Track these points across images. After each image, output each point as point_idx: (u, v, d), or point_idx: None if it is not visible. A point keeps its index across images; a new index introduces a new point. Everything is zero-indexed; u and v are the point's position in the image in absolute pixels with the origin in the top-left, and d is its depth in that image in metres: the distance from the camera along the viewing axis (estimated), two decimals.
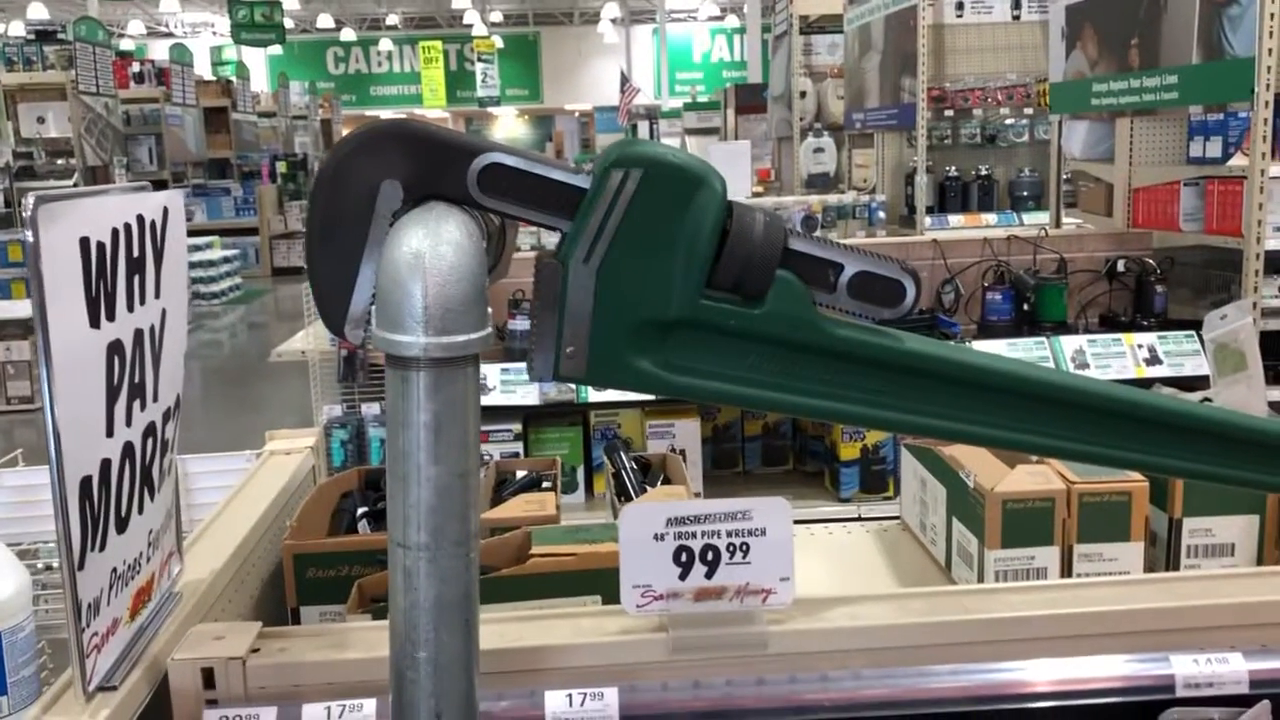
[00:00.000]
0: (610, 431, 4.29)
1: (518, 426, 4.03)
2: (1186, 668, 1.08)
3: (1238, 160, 3.96)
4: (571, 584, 1.34)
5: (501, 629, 1.16)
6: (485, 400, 3.95)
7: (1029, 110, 6.67)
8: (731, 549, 1.13)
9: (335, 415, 4.06)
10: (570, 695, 1.07)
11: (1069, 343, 3.93)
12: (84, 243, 1.00)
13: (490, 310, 0.91)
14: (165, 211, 1.18)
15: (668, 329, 0.97)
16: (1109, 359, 3.90)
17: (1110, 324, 4.12)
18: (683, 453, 4.14)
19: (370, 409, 4.05)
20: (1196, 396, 1.80)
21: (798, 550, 1.91)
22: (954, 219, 6.61)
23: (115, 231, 1.06)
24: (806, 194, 7.66)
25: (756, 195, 7.70)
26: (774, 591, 1.13)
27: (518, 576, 1.34)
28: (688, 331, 0.98)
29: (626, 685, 1.09)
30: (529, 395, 3.96)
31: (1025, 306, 4.12)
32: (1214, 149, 4.05)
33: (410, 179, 0.91)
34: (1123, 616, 1.16)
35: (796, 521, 2.20)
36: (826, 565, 1.83)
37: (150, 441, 1.16)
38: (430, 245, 0.87)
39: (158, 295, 1.18)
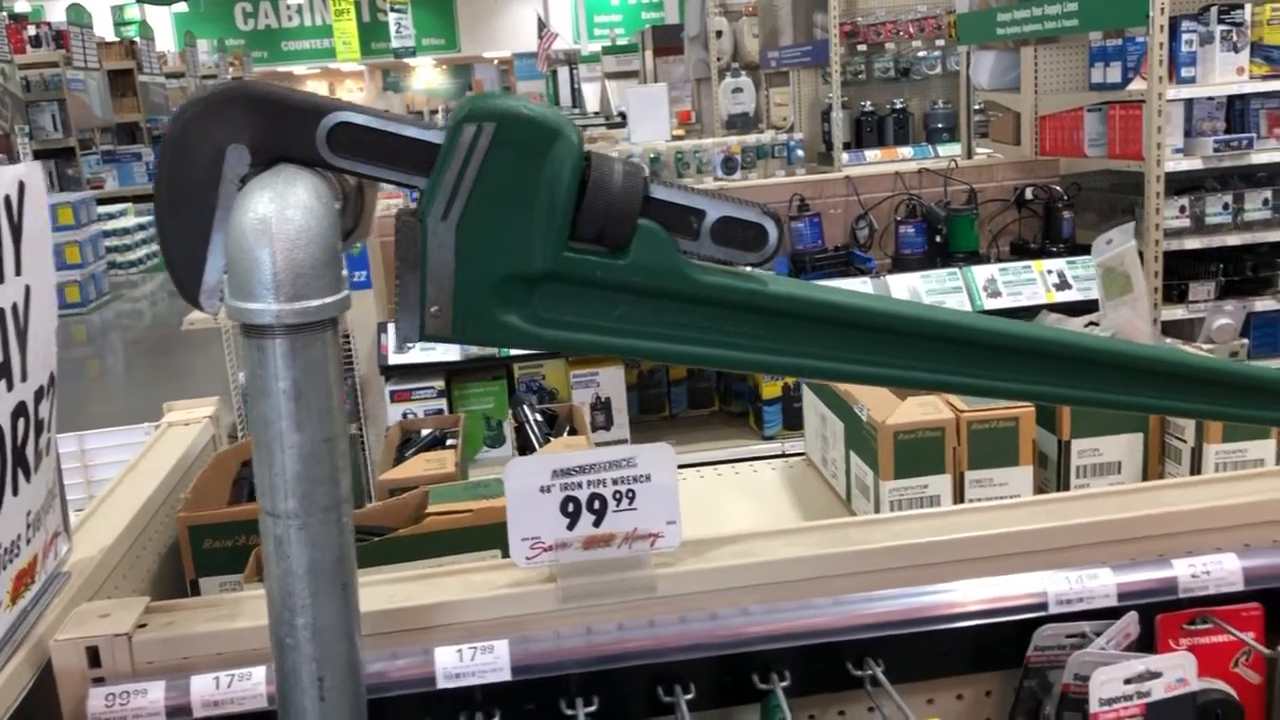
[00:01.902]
0: (535, 383, 4.29)
1: (440, 383, 4.01)
2: (1058, 585, 1.12)
3: (1137, 85, 4.03)
4: (470, 540, 1.35)
5: (394, 589, 1.16)
6: (405, 358, 3.92)
7: (940, 42, 6.71)
8: (618, 496, 1.14)
9: None
10: (460, 650, 1.08)
11: (981, 272, 4.00)
12: None
13: (345, 273, 0.90)
14: (21, 186, 1.14)
15: (534, 283, 0.97)
16: (1020, 286, 3.98)
17: (1021, 251, 4.20)
18: (608, 400, 4.16)
19: None
20: (1081, 321, 1.85)
21: (710, 491, 1.94)
22: (871, 154, 6.64)
23: None
24: (727, 135, 7.63)
25: (677, 138, 7.65)
26: (661, 535, 1.15)
27: (415, 536, 1.34)
28: (554, 284, 0.98)
29: (518, 637, 1.10)
30: (450, 351, 3.94)
31: (938, 238, 4.17)
32: (1114, 74, 4.12)
33: (256, 142, 0.89)
34: (1003, 539, 1.19)
35: (723, 462, 2.24)
36: (735, 504, 1.86)
37: (21, 422, 1.14)
38: (277, 209, 0.86)
39: (19, 272, 1.15)
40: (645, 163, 5.55)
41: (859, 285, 4.05)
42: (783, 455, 3.83)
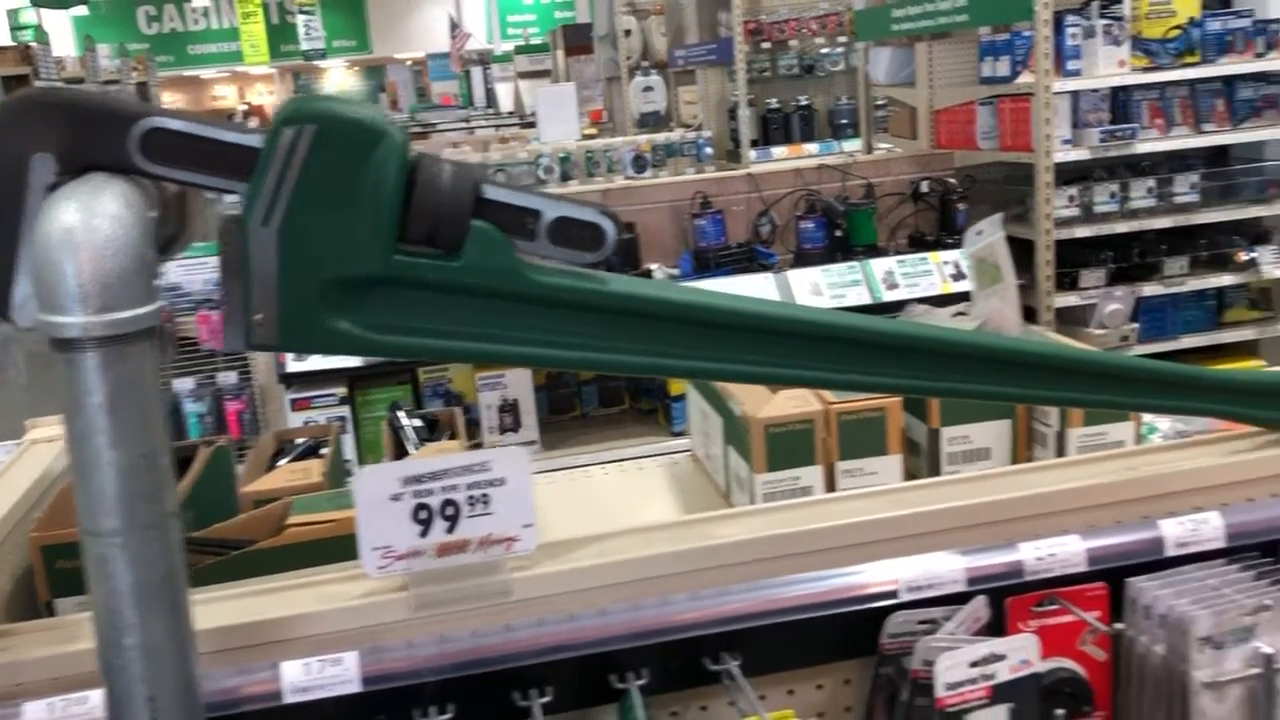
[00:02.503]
0: (441, 387, 4.24)
1: (342, 390, 3.94)
2: (907, 572, 1.13)
3: (1025, 78, 4.12)
4: (333, 551, 1.32)
5: (244, 604, 1.14)
6: (305, 365, 3.85)
7: (843, 39, 6.79)
8: (472, 501, 1.13)
9: (188, 389, 3.91)
10: (308, 664, 1.06)
11: (879, 265, 4.06)
12: None
13: (159, 284, 0.87)
14: None
15: (365, 288, 0.96)
16: (917, 278, 4.05)
17: (918, 244, 4.27)
18: (515, 403, 4.13)
19: (183, 384, 3.91)
20: (949, 311, 1.88)
21: (590, 491, 1.94)
22: (777, 150, 6.70)
23: None
24: (639, 133, 7.64)
25: (588, 137, 7.64)
26: (517, 539, 1.14)
27: (274, 548, 1.31)
28: (387, 289, 0.96)
29: (369, 648, 1.08)
30: (352, 356, 3.88)
31: (838, 233, 4.23)
32: (1003, 68, 4.21)
33: (64, 150, 0.87)
34: (857, 529, 1.20)
35: (631, 458, 2.23)
36: (616, 504, 1.86)
37: None
38: (83, 219, 0.83)
39: None
40: (555, 162, 5.54)
41: (761, 281, 4.09)
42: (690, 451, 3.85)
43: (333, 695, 1.05)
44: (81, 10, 19.04)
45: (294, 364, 3.80)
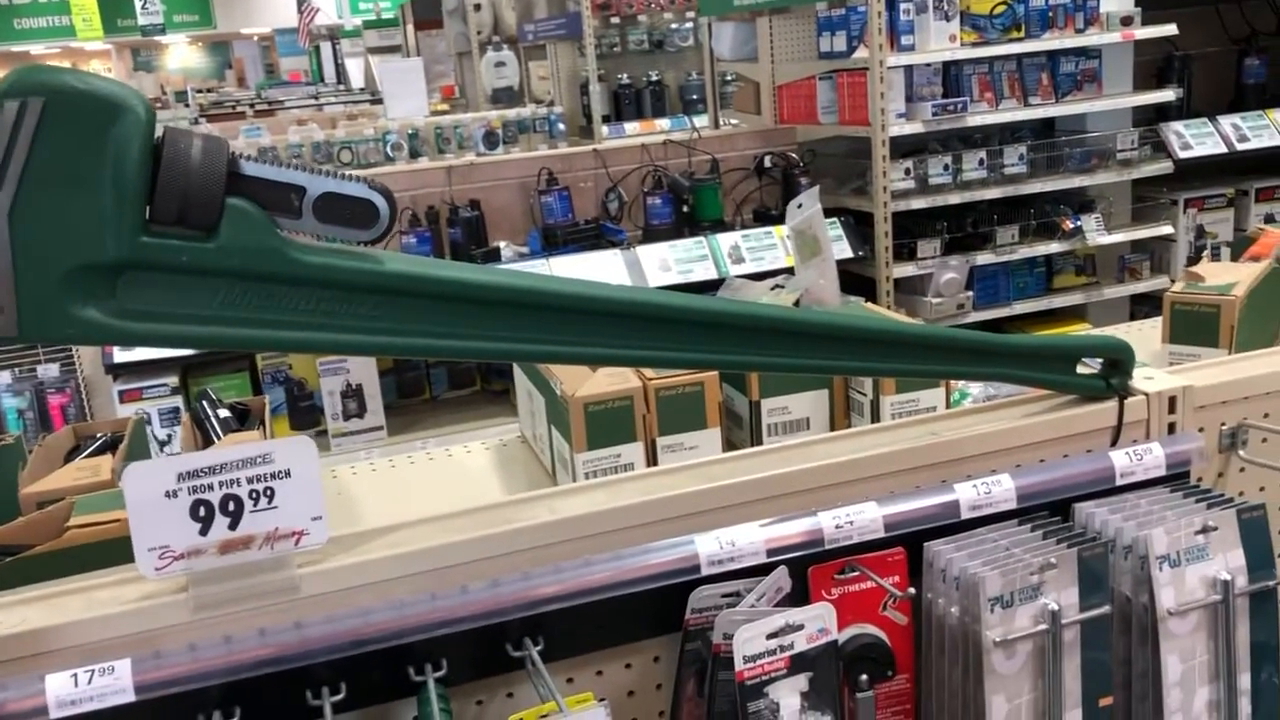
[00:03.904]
0: (281, 374, 4.10)
1: (174, 379, 3.78)
2: (707, 546, 1.13)
3: (861, 53, 4.20)
4: (118, 553, 1.24)
5: (8, 614, 1.06)
6: (133, 355, 3.67)
7: (691, 14, 6.81)
8: (255, 495, 1.08)
9: (6, 383, 3.67)
10: (75, 675, 0.99)
11: (725, 239, 4.10)
12: None
13: None
14: None
15: (114, 273, 0.89)
16: (762, 251, 4.10)
17: (763, 218, 4.32)
18: (359, 387, 4.03)
19: (0, 377, 3.68)
20: (767, 284, 1.89)
21: (412, 478, 1.89)
22: (630, 126, 6.70)
23: None
24: (491, 109, 7.52)
25: (439, 113, 7.50)
26: (306, 533, 1.09)
27: (53, 553, 1.23)
28: (138, 273, 0.90)
29: (145, 654, 1.02)
30: (97, 346, 3.72)
31: (685, 208, 4.24)
32: (840, 43, 4.28)
33: None
34: (657, 505, 1.19)
35: (482, 441, 2.18)
36: (437, 490, 1.82)
37: None
38: None
39: None
40: (404, 139, 5.41)
41: (610, 258, 4.08)
42: None
43: (106, 706, 0.99)
44: None
45: (121, 354, 3.62)
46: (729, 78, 5.82)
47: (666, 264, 4.09)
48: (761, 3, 4.49)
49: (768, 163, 4.36)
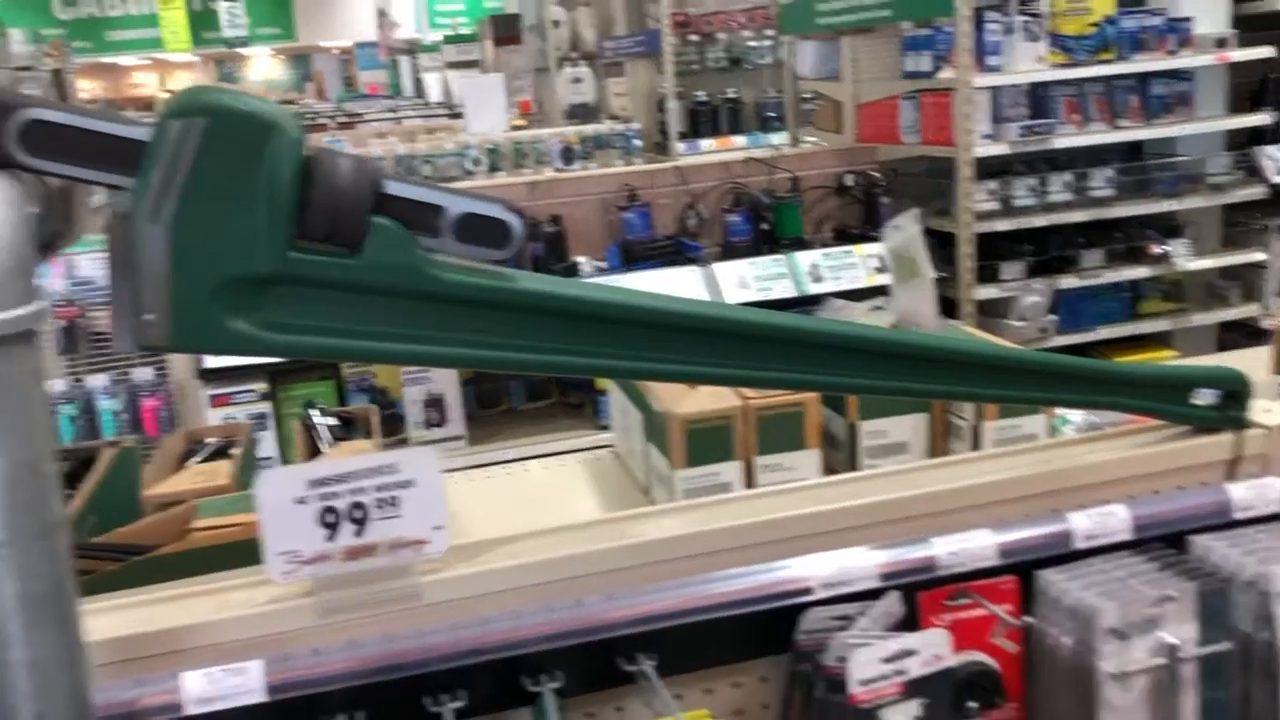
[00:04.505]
0: (366, 382, 4.18)
1: (263, 385, 3.87)
2: (821, 569, 1.13)
3: (946, 73, 4.18)
4: (239, 555, 1.29)
5: (142, 613, 1.10)
6: (224, 361, 3.76)
7: (770, 32, 6.80)
8: (380, 504, 1.11)
9: (59, 390, 3.79)
10: (209, 674, 1.02)
11: (804, 258, 4.09)
12: None
13: (40, 284, 0.84)
14: None
15: (262, 286, 0.92)
16: (842, 270, 4.08)
17: (843, 237, 4.31)
18: (441, 397, 4.09)
19: (97, 380, 3.80)
20: (865, 305, 1.89)
21: (510, 489, 1.92)
22: (705, 143, 6.70)
23: None
24: (568, 125, 7.59)
25: (516, 128, 7.58)
26: (428, 541, 1.12)
27: (178, 554, 1.28)
28: (286, 287, 0.93)
29: (273, 656, 1.05)
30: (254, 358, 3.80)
31: (764, 226, 4.25)
32: (925, 63, 4.26)
33: None
34: (772, 526, 1.20)
35: (560, 453, 2.21)
36: (536, 501, 1.84)
37: None
38: None
39: None
40: (483, 154, 5.48)
41: (688, 274, 4.09)
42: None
43: (236, 706, 1.02)
44: None
45: (212, 360, 3.71)
46: (806, 95, 5.82)
47: (745, 281, 4.09)
48: (845, 22, 4.49)
49: (849, 181, 4.34)
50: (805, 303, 3.90)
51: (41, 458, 0.85)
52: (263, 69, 22.58)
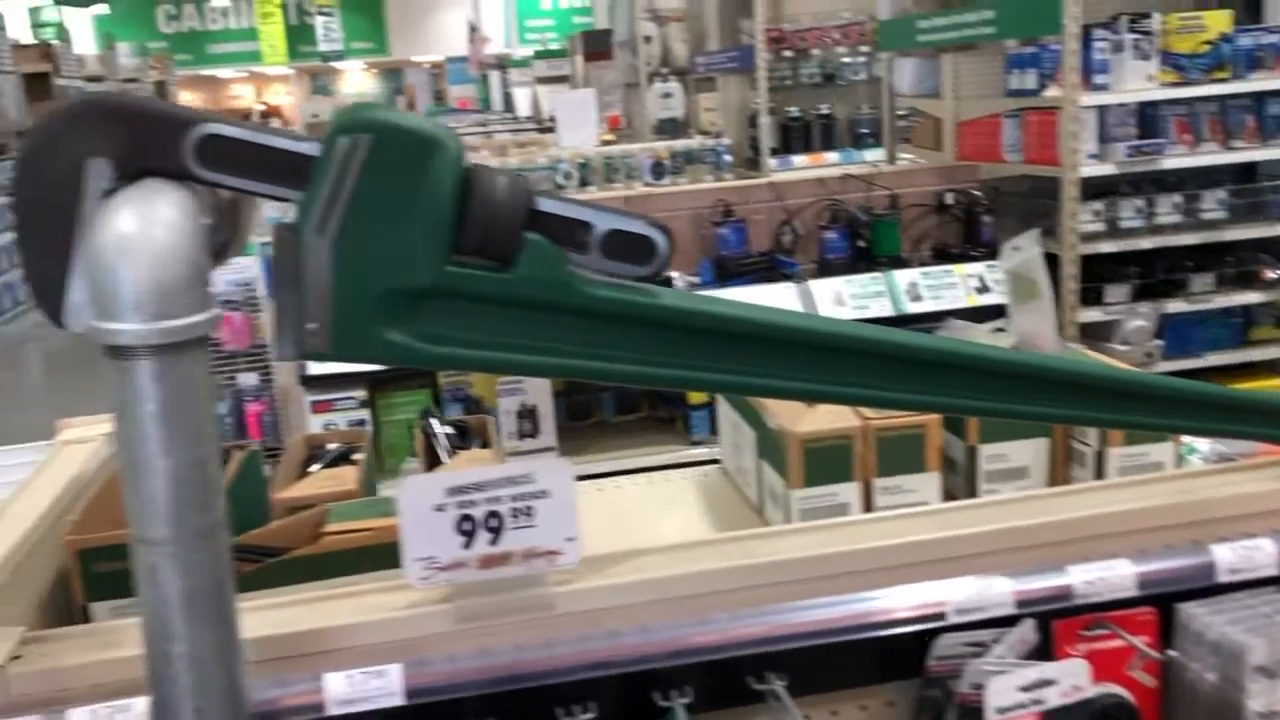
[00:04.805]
0: (462, 392, 4.23)
1: (362, 393, 3.94)
2: (956, 594, 1.12)
3: (1052, 91, 4.10)
4: (370, 559, 1.31)
5: (284, 614, 1.13)
6: (326, 368, 3.84)
7: (865, 49, 6.77)
8: (515, 513, 1.12)
9: None
10: (351, 676, 1.05)
11: (903, 276, 4.04)
12: None
13: (212, 291, 0.87)
14: None
15: (418, 298, 0.95)
16: (941, 290, 4.02)
17: (942, 256, 4.25)
18: (534, 408, 4.12)
19: None
20: (987, 327, 1.86)
21: (619, 502, 1.92)
22: (797, 159, 6.68)
23: None
24: (656, 140, 7.63)
25: (607, 143, 7.63)
26: (560, 552, 1.13)
27: (311, 556, 1.31)
28: (440, 300, 0.95)
29: (412, 660, 1.07)
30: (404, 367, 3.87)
31: (861, 243, 4.21)
32: (1029, 81, 4.19)
33: (120, 156, 0.86)
34: (903, 549, 1.19)
35: (651, 468, 2.22)
36: (646, 516, 1.85)
37: None
38: (139, 227, 0.82)
39: None
40: (574, 168, 5.53)
41: (783, 290, 4.07)
42: (710, 461, 3.83)
43: (375, 708, 1.04)
44: (102, 9, 19.15)
45: (315, 367, 3.80)
46: (901, 112, 5.76)
47: (840, 298, 4.06)
48: (947, 40, 4.44)
49: (949, 199, 4.28)
50: (903, 322, 3.85)
51: (207, 458, 0.88)
52: (355, 82, 23.09)
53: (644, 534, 1.76)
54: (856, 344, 1.05)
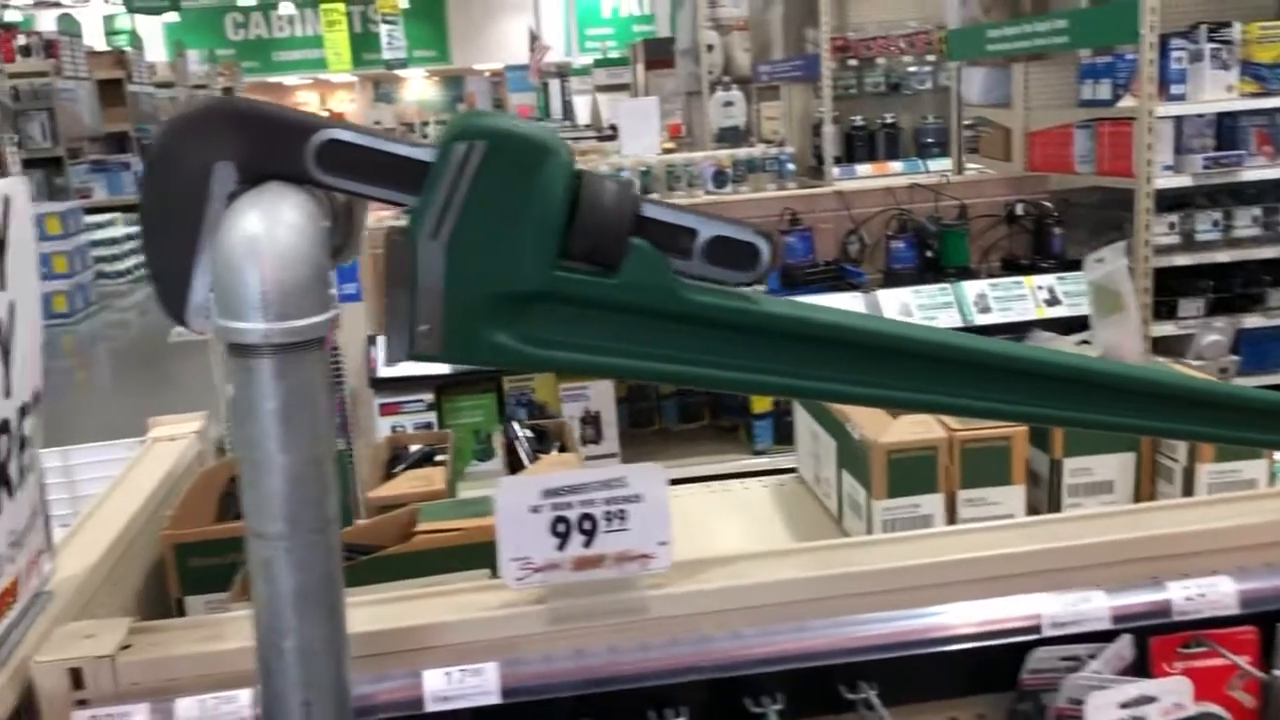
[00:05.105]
0: (525, 397, 4.26)
1: (430, 396, 3.99)
2: (1052, 608, 1.11)
3: (1126, 102, 4.04)
4: (459, 559, 1.33)
5: (382, 610, 1.15)
6: (394, 371, 3.90)
7: (931, 58, 6.73)
8: (609, 516, 1.13)
9: None
10: (449, 673, 1.06)
11: (972, 287, 4.00)
12: None
13: (334, 292, 0.89)
14: (6, 202, 1.14)
15: (525, 302, 0.96)
16: (1010, 302, 3.98)
17: (1011, 267, 4.20)
18: (597, 415, 4.14)
19: None
20: (1073, 339, 1.84)
21: (698, 509, 1.93)
22: (861, 168, 6.66)
23: None
24: (717, 148, 7.64)
25: (668, 151, 7.66)
26: (653, 556, 1.14)
27: (403, 555, 1.32)
28: (546, 304, 0.97)
29: (508, 659, 1.08)
30: (440, 364, 3.92)
31: (929, 253, 4.18)
32: (1103, 91, 4.13)
33: (244, 159, 0.88)
34: (994, 562, 1.18)
35: (713, 477, 2.22)
36: (724, 523, 1.85)
37: (4, 439, 1.12)
38: (266, 228, 0.85)
39: (3, 287, 1.14)
40: (635, 176, 5.55)
41: (850, 300, 4.05)
42: (773, 471, 3.81)
43: (472, 705, 1.06)
44: (173, 17, 19.60)
45: (385, 369, 3.85)
46: (967, 122, 5.71)
47: (908, 309, 4.03)
48: (1019, 49, 4.39)
49: (1019, 210, 4.24)
50: (971, 333, 3.81)
51: (324, 456, 0.90)
52: (417, 90, 23.38)
53: (726, 542, 1.76)
54: (963, 354, 1.05)
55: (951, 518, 1.56)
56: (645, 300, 0.97)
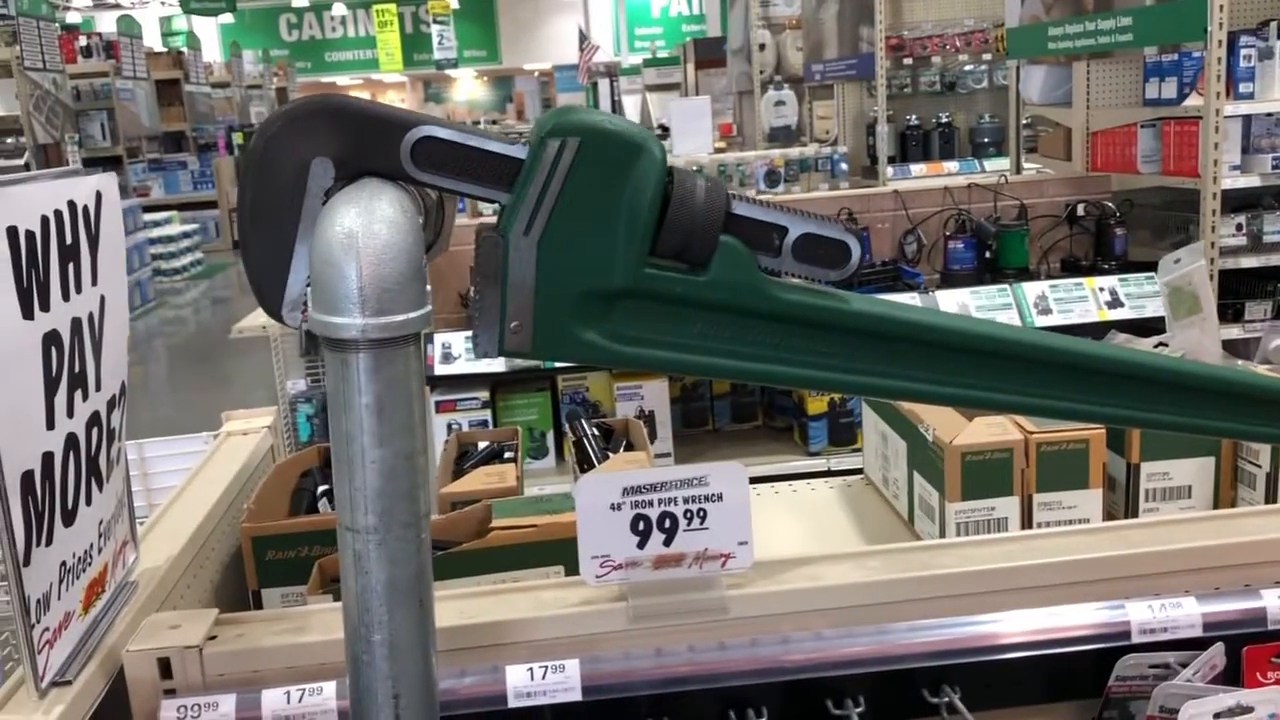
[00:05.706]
0: (579, 395, 4.28)
1: (485, 394, 4.01)
2: (1141, 614, 1.09)
3: (1193, 100, 3.97)
4: (533, 555, 1.34)
5: (462, 605, 1.15)
6: (451, 369, 3.93)
7: (987, 56, 6.65)
8: (689, 515, 1.13)
9: (300, 390, 4.03)
10: (531, 669, 1.06)
11: (1031, 289, 3.95)
12: (12, 233, 0.98)
13: (430, 288, 0.89)
14: (98, 196, 1.15)
15: (614, 299, 0.96)
16: (1071, 303, 3.93)
17: (1072, 268, 4.14)
18: (651, 414, 4.14)
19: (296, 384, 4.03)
20: (1151, 341, 1.81)
21: (765, 509, 1.92)
22: (916, 168, 6.60)
23: (45, 219, 1.04)
24: (769, 148, 7.61)
25: (719, 150, 7.64)
26: (733, 556, 1.13)
27: (479, 550, 1.33)
28: (634, 301, 0.96)
29: (588, 656, 1.08)
30: (495, 362, 3.94)
31: (987, 254, 4.13)
32: (1169, 90, 4.06)
33: (341, 156, 0.89)
34: (1080, 566, 1.16)
35: (767, 478, 2.21)
36: (792, 524, 1.84)
37: (95, 431, 1.14)
38: (364, 224, 0.85)
39: (95, 282, 1.15)
40: None
41: (907, 300, 4.01)
42: (828, 472, 3.79)
43: (554, 702, 1.06)
44: (228, 18, 19.90)
45: (441, 367, 3.88)
46: (1025, 121, 5.64)
47: (966, 310, 3.99)
48: (1081, 47, 4.33)
49: (1080, 211, 4.17)
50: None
51: (417, 451, 0.90)
52: (467, 90, 23.53)
53: (795, 543, 1.75)
54: (1055, 355, 1.03)
55: (1027, 521, 1.54)
56: (733, 298, 0.96)
